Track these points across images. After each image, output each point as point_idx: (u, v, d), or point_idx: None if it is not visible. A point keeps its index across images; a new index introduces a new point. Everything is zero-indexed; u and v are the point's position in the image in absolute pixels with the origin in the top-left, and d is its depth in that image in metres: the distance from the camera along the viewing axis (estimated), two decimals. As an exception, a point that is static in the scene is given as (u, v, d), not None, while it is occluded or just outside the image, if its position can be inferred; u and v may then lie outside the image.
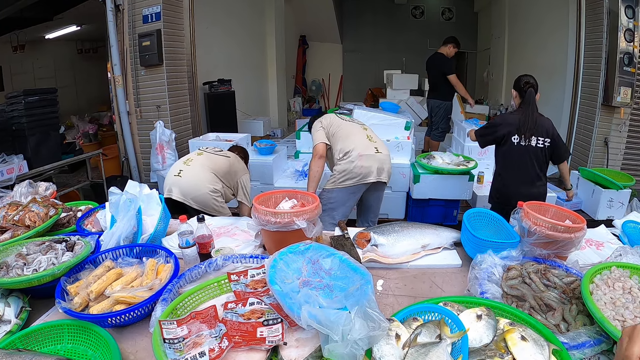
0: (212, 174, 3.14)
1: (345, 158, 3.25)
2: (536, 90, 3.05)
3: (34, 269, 1.66)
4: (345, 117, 3.66)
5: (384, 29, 11.89)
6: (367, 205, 3.54)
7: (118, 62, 5.31)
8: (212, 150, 3.43)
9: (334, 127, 3.45)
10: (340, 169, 3.25)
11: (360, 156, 3.22)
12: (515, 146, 3.00)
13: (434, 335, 1.18)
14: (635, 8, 4.62)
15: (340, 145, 3.32)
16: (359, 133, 3.45)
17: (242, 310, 1.33)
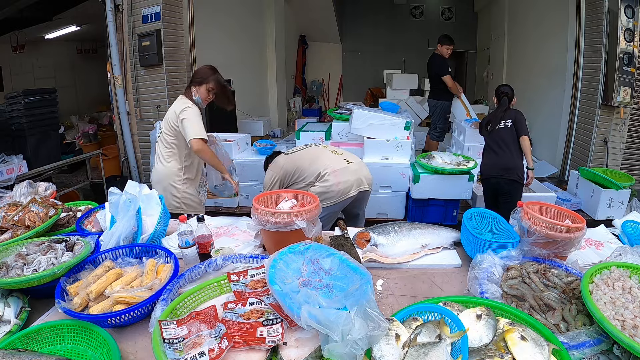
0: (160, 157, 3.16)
1: (320, 179, 3.16)
2: (510, 98, 3.93)
3: (34, 269, 1.66)
4: (296, 148, 3.60)
5: (383, 29, 11.88)
6: (353, 213, 3.47)
7: (118, 62, 5.31)
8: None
9: (291, 166, 3.31)
10: (317, 191, 3.10)
11: (334, 172, 3.12)
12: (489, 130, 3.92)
13: (434, 335, 1.18)
14: (635, 8, 4.62)
15: (309, 170, 3.21)
16: (322, 152, 3.37)
17: (242, 310, 1.33)
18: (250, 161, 4.73)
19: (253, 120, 7.94)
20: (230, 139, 4.87)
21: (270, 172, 3.36)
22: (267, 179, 3.37)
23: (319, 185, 3.12)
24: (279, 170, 3.30)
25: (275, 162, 3.39)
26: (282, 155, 3.44)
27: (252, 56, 8.84)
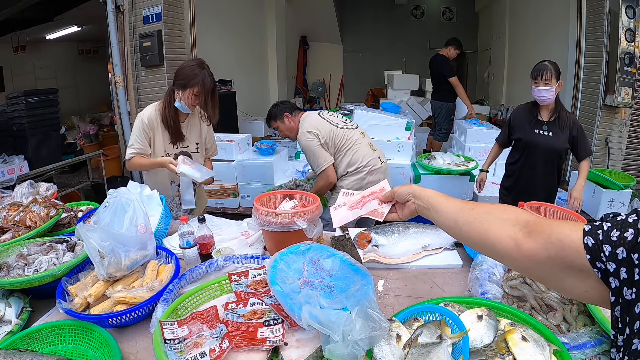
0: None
1: (355, 173, 3.10)
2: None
3: (35, 270, 1.67)
4: (332, 119, 3.25)
5: (384, 30, 11.89)
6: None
7: (119, 62, 5.31)
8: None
9: (333, 138, 3.09)
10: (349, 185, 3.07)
11: (371, 171, 3.09)
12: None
13: (435, 336, 1.18)
14: (636, 8, 4.62)
15: (348, 159, 3.10)
16: (362, 142, 3.19)
17: (243, 311, 1.33)
18: (251, 162, 4.73)
19: (254, 121, 7.94)
20: (231, 140, 4.87)
21: (310, 133, 3.05)
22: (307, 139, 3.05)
23: (353, 178, 3.12)
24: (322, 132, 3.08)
25: (313, 120, 3.16)
26: (318, 118, 3.20)
27: (253, 57, 8.85)
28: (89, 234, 1.55)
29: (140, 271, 1.72)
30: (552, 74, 2.93)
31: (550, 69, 2.93)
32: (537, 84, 2.98)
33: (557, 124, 3.08)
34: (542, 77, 2.94)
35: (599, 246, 0.71)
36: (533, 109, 3.17)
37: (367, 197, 1.37)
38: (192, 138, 2.83)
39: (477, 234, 0.94)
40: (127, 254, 1.62)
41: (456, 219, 1.00)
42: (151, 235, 1.77)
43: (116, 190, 1.83)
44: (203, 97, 2.57)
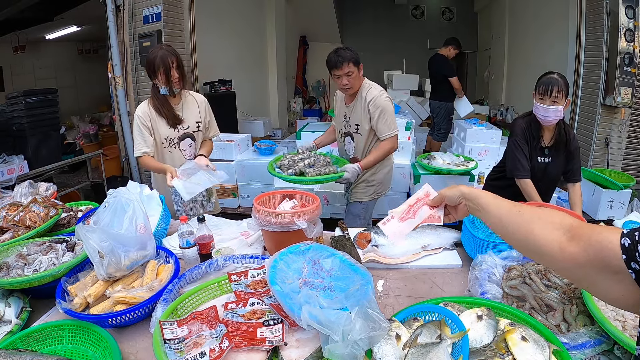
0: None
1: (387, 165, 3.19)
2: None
3: (35, 270, 1.67)
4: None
5: (384, 30, 11.90)
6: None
7: (118, 62, 5.31)
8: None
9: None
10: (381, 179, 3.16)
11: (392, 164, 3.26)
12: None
13: (435, 336, 1.18)
14: (636, 8, 4.62)
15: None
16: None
17: (243, 311, 1.33)
18: (250, 162, 4.73)
19: (254, 121, 7.94)
20: (230, 140, 4.88)
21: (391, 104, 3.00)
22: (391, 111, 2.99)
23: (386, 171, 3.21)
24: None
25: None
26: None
27: (253, 56, 8.85)
28: (88, 234, 1.55)
29: (140, 271, 1.73)
30: (562, 91, 2.46)
31: (560, 85, 2.46)
32: (544, 102, 2.50)
33: (558, 146, 2.66)
34: (551, 94, 2.46)
35: (634, 246, 0.72)
36: (534, 128, 2.66)
37: (414, 205, 1.37)
38: (190, 118, 2.91)
39: (522, 235, 0.98)
40: (127, 254, 1.63)
41: (503, 220, 1.04)
42: (151, 235, 1.77)
43: (116, 190, 1.83)
44: (171, 72, 2.67)
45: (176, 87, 2.76)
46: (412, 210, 1.36)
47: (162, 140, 2.86)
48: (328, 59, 2.88)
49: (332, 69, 2.89)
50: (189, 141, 2.92)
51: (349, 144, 3.17)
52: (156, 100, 2.81)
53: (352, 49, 2.92)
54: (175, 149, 2.89)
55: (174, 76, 2.69)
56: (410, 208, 1.37)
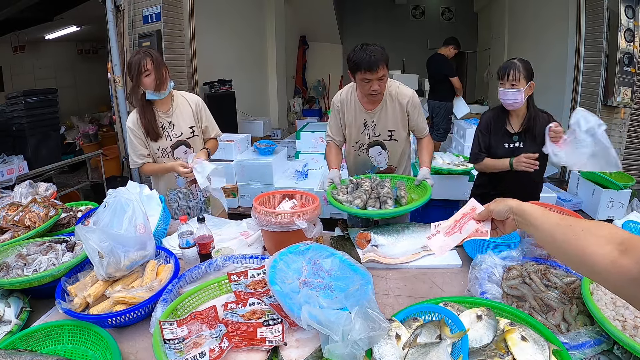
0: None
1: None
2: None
3: (34, 270, 1.67)
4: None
5: (383, 29, 11.89)
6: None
7: (118, 62, 5.31)
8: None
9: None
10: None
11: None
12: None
13: (434, 336, 1.18)
14: (635, 8, 4.62)
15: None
16: None
17: (242, 311, 1.33)
18: (250, 162, 4.73)
19: (253, 121, 7.95)
20: (230, 140, 4.88)
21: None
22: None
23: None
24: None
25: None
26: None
27: (253, 57, 8.85)
28: (87, 234, 1.55)
29: (139, 271, 1.73)
30: (520, 73, 2.49)
31: (518, 67, 2.49)
32: (503, 85, 2.54)
33: (530, 131, 2.61)
34: (508, 77, 2.50)
35: None
36: (501, 116, 2.70)
37: (460, 220, 1.35)
38: (183, 124, 2.73)
39: (573, 251, 0.95)
40: (127, 254, 1.63)
41: (554, 235, 1.01)
42: (150, 235, 1.77)
43: (115, 190, 1.83)
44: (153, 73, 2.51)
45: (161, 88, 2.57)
46: (458, 225, 1.34)
47: (154, 150, 2.72)
48: (357, 60, 2.38)
49: (361, 71, 2.41)
50: (184, 149, 2.75)
51: (378, 154, 2.79)
52: (142, 110, 2.63)
53: (382, 46, 2.47)
54: (169, 159, 2.73)
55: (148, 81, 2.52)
56: (456, 223, 1.35)
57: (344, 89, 2.77)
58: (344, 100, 2.71)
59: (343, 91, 2.76)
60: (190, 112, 2.78)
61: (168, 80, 2.61)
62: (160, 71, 2.53)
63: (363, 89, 2.49)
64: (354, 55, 2.41)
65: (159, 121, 2.66)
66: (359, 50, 2.40)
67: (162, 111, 2.68)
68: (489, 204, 1.26)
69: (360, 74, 2.41)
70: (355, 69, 2.42)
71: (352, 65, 2.44)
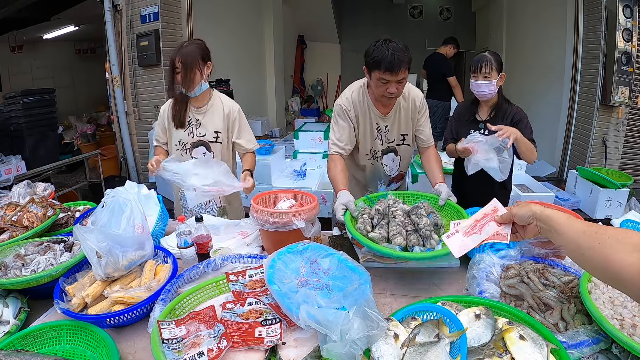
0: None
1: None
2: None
3: (33, 270, 1.66)
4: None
5: (382, 29, 11.86)
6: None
7: (116, 62, 5.31)
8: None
9: None
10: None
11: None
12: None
13: (433, 335, 1.18)
14: (633, 8, 4.63)
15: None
16: None
17: (241, 310, 1.33)
18: (249, 161, 4.72)
19: (252, 120, 7.94)
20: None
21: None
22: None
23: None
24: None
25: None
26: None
27: (251, 56, 8.84)
28: (86, 235, 1.55)
29: (137, 271, 1.72)
30: (492, 65, 2.57)
31: (490, 60, 2.58)
32: (476, 78, 2.63)
33: (496, 120, 2.65)
34: (481, 70, 2.59)
35: None
36: (472, 106, 2.79)
37: (480, 220, 1.34)
38: (210, 126, 2.65)
39: (599, 259, 0.93)
40: (125, 254, 1.62)
41: (579, 243, 0.99)
42: (149, 235, 1.77)
43: (113, 190, 1.83)
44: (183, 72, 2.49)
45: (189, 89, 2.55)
46: (478, 225, 1.33)
47: (175, 142, 2.68)
48: (378, 57, 2.15)
49: (380, 70, 2.18)
50: (203, 150, 2.67)
51: (391, 161, 2.60)
52: (174, 99, 2.64)
53: (406, 45, 2.28)
54: (187, 155, 2.67)
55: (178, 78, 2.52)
56: (476, 223, 1.34)
57: (352, 89, 2.47)
58: (356, 102, 2.41)
59: (353, 92, 2.45)
60: (222, 117, 2.68)
61: (199, 81, 2.55)
62: (191, 71, 2.49)
63: (378, 89, 2.25)
64: (374, 51, 2.17)
65: (188, 114, 2.65)
66: (382, 45, 2.16)
67: (195, 107, 2.66)
68: (512, 207, 1.24)
69: (378, 72, 2.17)
70: (374, 66, 2.17)
71: (370, 61, 2.19)
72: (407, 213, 1.93)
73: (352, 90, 2.46)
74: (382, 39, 2.19)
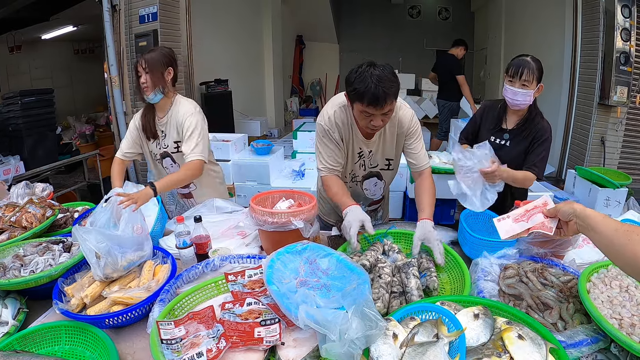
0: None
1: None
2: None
3: (31, 270, 1.66)
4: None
5: (380, 29, 11.87)
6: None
7: (115, 62, 5.29)
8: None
9: None
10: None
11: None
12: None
13: (432, 335, 1.18)
14: (632, 8, 4.63)
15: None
16: None
17: (240, 311, 1.33)
18: (247, 161, 4.73)
19: (250, 121, 7.95)
20: (227, 139, 4.87)
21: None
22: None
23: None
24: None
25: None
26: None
27: (249, 56, 8.84)
28: (85, 235, 1.55)
29: (136, 271, 1.72)
30: (534, 74, 2.27)
31: (532, 68, 2.27)
32: (513, 84, 2.32)
33: (522, 132, 2.45)
34: (521, 76, 2.28)
35: None
36: (500, 111, 2.53)
37: (530, 210, 1.41)
38: (169, 136, 2.56)
39: (630, 255, 1.00)
40: (124, 255, 1.63)
41: (612, 240, 1.06)
42: (147, 235, 1.77)
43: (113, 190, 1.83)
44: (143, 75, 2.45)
45: (145, 93, 2.46)
46: (527, 214, 1.41)
47: (148, 152, 2.66)
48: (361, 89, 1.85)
49: (362, 103, 1.88)
50: (169, 161, 2.61)
51: (374, 186, 2.44)
52: (144, 108, 2.60)
53: (393, 70, 1.93)
54: (159, 165, 2.67)
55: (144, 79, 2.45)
56: (526, 212, 1.42)
57: (334, 108, 2.17)
58: (338, 124, 2.15)
59: (335, 111, 2.16)
60: (179, 125, 2.52)
61: (154, 87, 2.44)
62: (149, 75, 2.43)
63: (362, 121, 1.99)
64: (356, 80, 1.88)
65: (157, 125, 2.57)
66: (365, 73, 1.86)
67: (159, 117, 2.57)
68: (559, 204, 1.32)
69: (360, 105, 1.89)
70: (356, 98, 1.90)
71: (352, 92, 1.92)
72: (398, 269, 1.67)
73: (334, 110, 2.16)
74: (365, 63, 1.90)
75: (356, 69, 1.92)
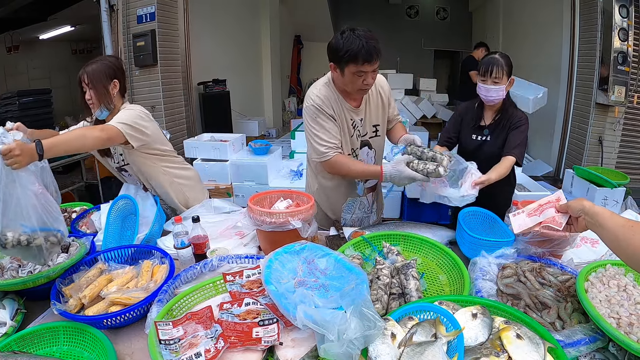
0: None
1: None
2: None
3: (29, 271, 1.66)
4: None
5: (378, 29, 11.85)
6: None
7: (113, 62, 5.29)
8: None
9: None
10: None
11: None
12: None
13: (430, 334, 1.18)
14: (629, 7, 4.64)
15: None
16: None
17: (238, 311, 1.33)
18: (245, 161, 4.72)
19: (248, 121, 7.95)
20: (225, 139, 4.87)
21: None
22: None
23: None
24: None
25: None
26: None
27: (247, 56, 8.84)
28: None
29: (135, 272, 1.72)
30: (503, 70, 2.42)
31: (501, 64, 2.42)
32: (485, 82, 2.46)
33: (500, 125, 2.57)
34: (492, 74, 2.42)
35: None
36: (478, 110, 2.65)
37: (543, 205, 1.47)
38: (118, 148, 2.40)
39: (632, 249, 1.07)
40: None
41: (617, 235, 1.13)
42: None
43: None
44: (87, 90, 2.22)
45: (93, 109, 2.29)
46: (540, 209, 1.48)
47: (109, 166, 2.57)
48: (353, 49, 1.94)
49: (357, 63, 1.97)
50: (127, 173, 2.51)
51: (366, 155, 2.42)
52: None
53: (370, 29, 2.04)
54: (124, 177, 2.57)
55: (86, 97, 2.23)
56: (539, 207, 1.48)
57: (318, 87, 2.23)
58: (330, 100, 2.18)
59: (320, 89, 2.21)
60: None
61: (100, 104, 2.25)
62: (92, 91, 2.22)
63: (353, 84, 2.05)
64: (345, 43, 1.96)
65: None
66: (350, 36, 1.96)
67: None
68: (570, 200, 1.38)
69: (354, 66, 1.98)
70: (350, 59, 1.97)
71: (344, 55, 1.97)
72: (397, 270, 1.63)
73: (318, 88, 2.22)
74: (346, 29, 1.99)
75: (340, 35, 2.01)
